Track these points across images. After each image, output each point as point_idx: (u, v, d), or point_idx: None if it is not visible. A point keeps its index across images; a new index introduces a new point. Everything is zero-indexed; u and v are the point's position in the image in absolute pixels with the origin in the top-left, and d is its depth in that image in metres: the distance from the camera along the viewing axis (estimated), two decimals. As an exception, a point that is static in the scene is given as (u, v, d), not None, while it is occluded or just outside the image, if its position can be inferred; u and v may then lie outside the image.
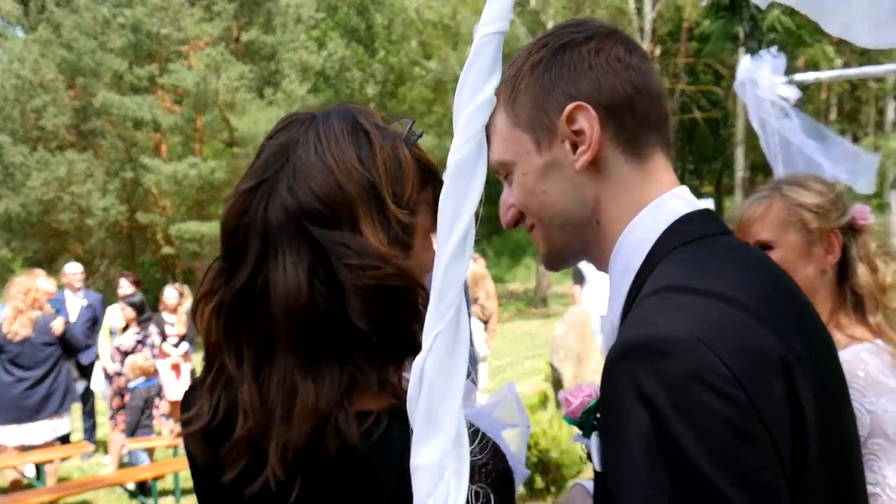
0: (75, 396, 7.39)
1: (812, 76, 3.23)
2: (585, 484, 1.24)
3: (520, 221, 1.10)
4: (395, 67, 29.11)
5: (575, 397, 1.04)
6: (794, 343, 0.86)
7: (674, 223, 0.98)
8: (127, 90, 24.56)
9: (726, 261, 0.94)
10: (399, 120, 1.12)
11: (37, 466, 6.79)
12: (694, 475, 0.76)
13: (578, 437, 1.04)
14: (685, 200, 1.02)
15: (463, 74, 0.71)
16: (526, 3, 23.41)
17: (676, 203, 1.01)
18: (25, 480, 6.84)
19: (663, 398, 0.78)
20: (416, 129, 1.11)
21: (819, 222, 1.77)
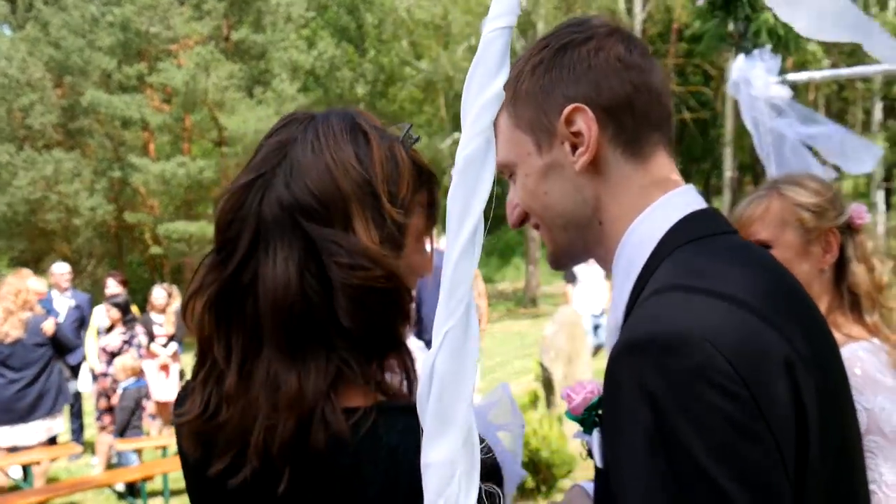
0: (68, 397, 7.36)
1: (805, 76, 3.25)
2: (584, 485, 1.24)
3: (525, 221, 1.11)
4: (386, 67, 29.02)
5: (577, 394, 1.04)
6: (797, 341, 0.86)
7: (678, 222, 0.98)
8: (115, 89, 24.37)
9: (729, 259, 0.94)
10: (397, 124, 1.13)
11: (24, 468, 6.73)
12: (694, 469, 0.77)
13: (580, 434, 1.04)
14: (690, 199, 1.02)
15: (471, 70, 0.71)
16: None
17: (680, 202, 1.01)
18: (10, 482, 6.77)
19: (666, 394, 0.78)
20: (414, 133, 1.12)
21: (817, 221, 1.78)
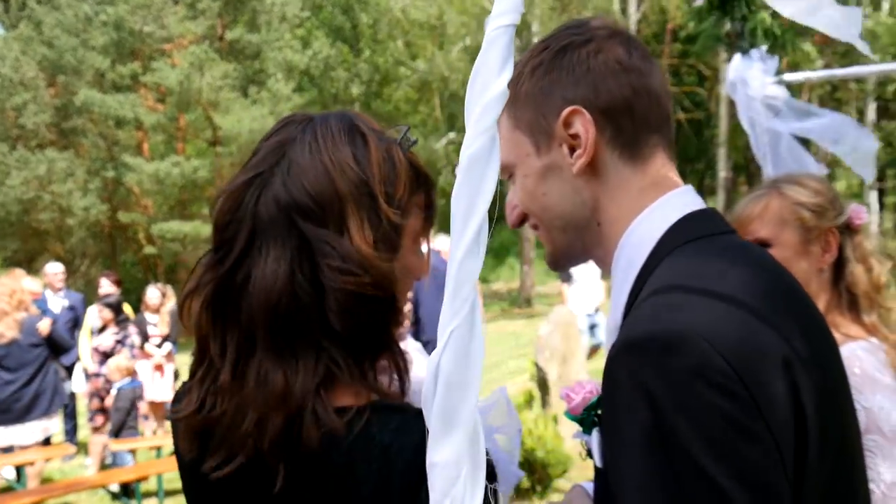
0: (64, 397, 7.33)
1: (802, 76, 3.25)
2: (585, 485, 1.24)
3: (524, 221, 1.11)
4: (381, 67, 28.99)
5: (576, 394, 1.04)
6: (796, 341, 0.86)
7: (677, 222, 0.99)
8: (109, 88, 24.31)
9: (728, 259, 0.95)
10: (395, 127, 1.14)
11: (17, 469, 6.70)
12: (693, 468, 0.77)
13: (579, 434, 1.04)
14: (688, 199, 1.02)
15: (474, 68, 0.70)
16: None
17: (679, 202, 1.01)
18: (4, 483, 6.74)
19: (665, 393, 0.78)
20: (412, 136, 1.12)
21: (817, 221, 1.79)
